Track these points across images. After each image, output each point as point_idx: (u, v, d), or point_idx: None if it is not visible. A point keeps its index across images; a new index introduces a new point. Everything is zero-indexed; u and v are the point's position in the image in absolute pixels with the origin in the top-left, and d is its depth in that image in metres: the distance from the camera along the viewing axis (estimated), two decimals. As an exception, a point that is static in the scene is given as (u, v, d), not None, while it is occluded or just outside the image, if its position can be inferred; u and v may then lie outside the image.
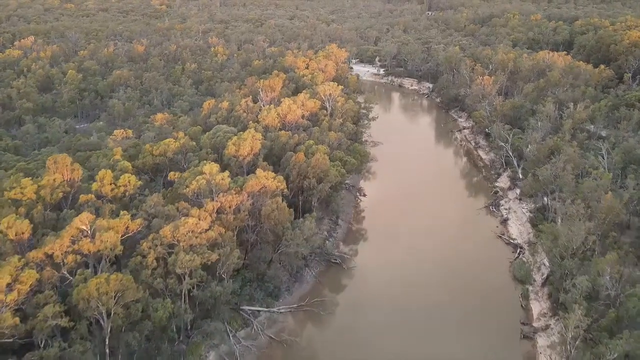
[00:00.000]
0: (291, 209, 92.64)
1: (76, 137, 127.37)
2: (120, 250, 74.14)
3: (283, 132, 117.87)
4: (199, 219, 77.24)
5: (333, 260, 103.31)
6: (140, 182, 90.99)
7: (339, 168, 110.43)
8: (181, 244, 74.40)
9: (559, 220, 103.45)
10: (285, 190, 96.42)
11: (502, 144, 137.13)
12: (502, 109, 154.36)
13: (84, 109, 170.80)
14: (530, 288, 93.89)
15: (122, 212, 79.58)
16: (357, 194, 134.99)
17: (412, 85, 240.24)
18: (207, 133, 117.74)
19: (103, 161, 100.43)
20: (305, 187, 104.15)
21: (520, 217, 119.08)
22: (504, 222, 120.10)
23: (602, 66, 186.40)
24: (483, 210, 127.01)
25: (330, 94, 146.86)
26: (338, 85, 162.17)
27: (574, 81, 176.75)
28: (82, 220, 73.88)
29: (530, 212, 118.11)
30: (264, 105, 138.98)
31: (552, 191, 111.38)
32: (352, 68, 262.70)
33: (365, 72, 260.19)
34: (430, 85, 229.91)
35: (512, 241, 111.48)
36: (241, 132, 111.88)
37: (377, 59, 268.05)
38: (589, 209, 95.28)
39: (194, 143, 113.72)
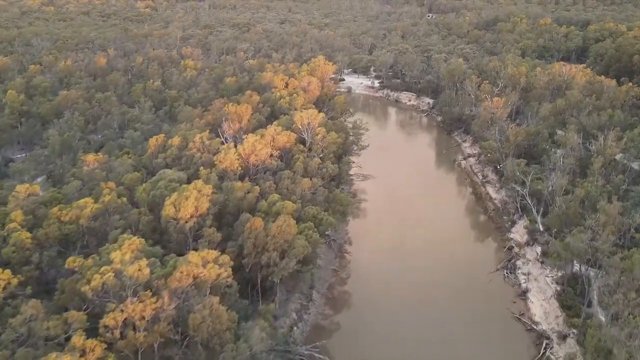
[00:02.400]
0: (233, 313, 66.97)
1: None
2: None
3: (239, 183, 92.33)
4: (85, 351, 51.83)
5: (300, 361, 78.08)
6: (16, 279, 65.24)
7: (310, 233, 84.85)
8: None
9: (598, 308, 78.36)
10: (230, 280, 70.76)
11: (518, 188, 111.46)
12: (515, 139, 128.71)
13: (25, 135, 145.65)
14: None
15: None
16: (340, 249, 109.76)
17: (410, 101, 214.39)
18: (144, 184, 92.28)
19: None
20: (264, 264, 78.71)
21: (543, 290, 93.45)
22: (523, 294, 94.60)
23: (630, 83, 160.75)
24: (495, 274, 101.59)
25: (309, 123, 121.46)
26: (319, 111, 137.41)
27: (597, 102, 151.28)
28: None
29: (557, 283, 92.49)
30: (226, 140, 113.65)
31: (587, 260, 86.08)
32: (343, 80, 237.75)
33: (358, 84, 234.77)
34: (431, 101, 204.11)
35: (534, 327, 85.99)
36: (185, 186, 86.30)
37: (372, 69, 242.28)
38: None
39: (124, 199, 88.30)
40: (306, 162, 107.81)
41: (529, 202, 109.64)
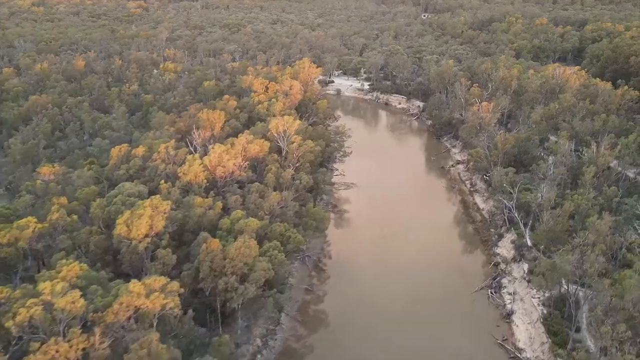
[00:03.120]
0: (176, 350, 60.31)
1: None
2: None
3: (199, 198, 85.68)
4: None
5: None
6: None
7: (275, 253, 78.27)
8: None
9: (587, 334, 71.82)
10: (177, 311, 64.16)
11: (505, 201, 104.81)
12: (504, 146, 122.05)
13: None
14: None
15: None
16: (316, 265, 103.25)
17: (400, 104, 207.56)
18: (98, 199, 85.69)
19: None
20: (221, 289, 72.15)
21: (529, 312, 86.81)
22: (508, 316, 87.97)
23: (626, 86, 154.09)
24: (479, 293, 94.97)
25: (285, 131, 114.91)
26: (301, 117, 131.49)
27: (591, 106, 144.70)
28: None
29: (544, 305, 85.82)
30: (195, 150, 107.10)
31: (575, 281, 79.52)
32: (332, 82, 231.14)
33: (347, 86, 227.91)
34: (421, 104, 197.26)
35: (518, 354, 79.44)
36: (140, 202, 79.71)
37: (362, 70, 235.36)
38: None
39: (75, 217, 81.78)
40: (279, 173, 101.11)
41: (516, 215, 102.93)
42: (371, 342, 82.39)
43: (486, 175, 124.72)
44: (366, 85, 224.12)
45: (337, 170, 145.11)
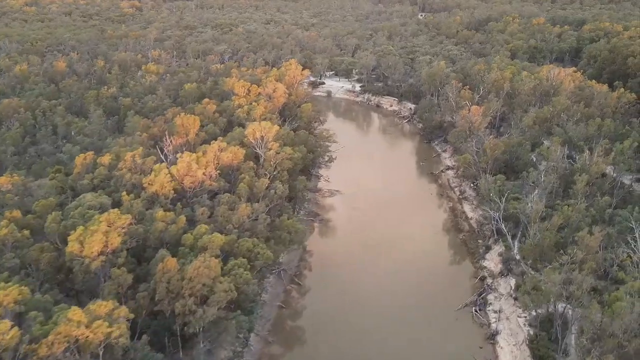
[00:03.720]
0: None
1: None
2: None
3: (161, 212, 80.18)
4: None
5: None
6: None
7: (241, 272, 72.85)
8: None
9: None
10: (123, 341, 58.69)
11: (491, 212, 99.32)
12: (493, 152, 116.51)
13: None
14: None
15: None
16: (292, 280, 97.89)
17: (391, 106, 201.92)
18: (54, 212, 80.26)
19: None
20: (179, 312, 66.75)
21: (515, 333, 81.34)
22: (492, 337, 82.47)
23: (622, 89, 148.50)
24: (463, 311, 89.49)
25: (263, 137, 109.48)
26: (284, 121, 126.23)
27: (586, 109, 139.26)
28: None
29: (530, 325, 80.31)
30: (166, 158, 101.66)
31: (564, 298, 74.09)
32: (323, 83, 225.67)
33: (338, 88, 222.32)
34: (413, 106, 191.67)
35: (502, 380, 74.08)
36: (97, 216, 74.29)
37: (354, 71, 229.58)
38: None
39: (27, 232, 76.40)
40: (252, 182, 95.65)
41: (503, 227, 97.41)
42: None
43: (473, 184, 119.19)
44: (357, 87, 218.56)
45: (322, 176, 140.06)
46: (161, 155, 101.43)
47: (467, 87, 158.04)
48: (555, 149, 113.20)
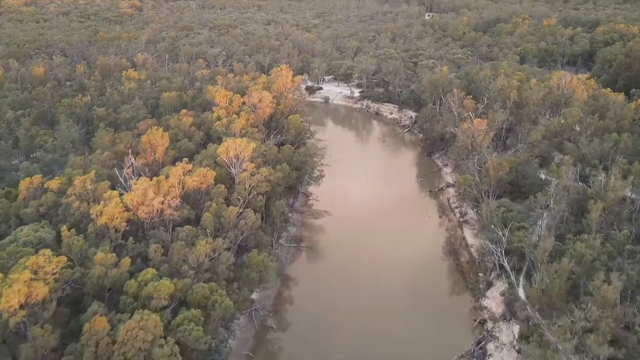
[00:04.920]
0: None
1: None
2: None
3: (100, 254, 68.56)
4: None
5: None
6: None
7: (190, 328, 61.24)
8: None
9: None
10: None
11: (492, 247, 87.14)
12: (496, 173, 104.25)
13: None
14: None
15: None
16: (263, 322, 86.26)
17: (391, 114, 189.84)
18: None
19: None
20: (109, 382, 55.33)
21: (517, 396, 69.38)
22: (491, 399, 70.56)
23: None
24: (460, 362, 77.54)
25: (239, 155, 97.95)
26: (268, 133, 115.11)
27: (600, 122, 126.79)
28: None
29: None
30: (126, 182, 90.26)
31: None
32: (321, 88, 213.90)
33: (337, 93, 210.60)
34: (414, 115, 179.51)
35: None
36: (21, 261, 62.96)
37: (355, 76, 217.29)
38: None
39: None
40: (220, 211, 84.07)
41: (506, 264, 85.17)
42: None
43: (475, 209, 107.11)
44: (356, 93, 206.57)
45: (311, 195, 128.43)
46: (120, 179, 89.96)
47: (471, 96, 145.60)
48: (566, 170, 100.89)
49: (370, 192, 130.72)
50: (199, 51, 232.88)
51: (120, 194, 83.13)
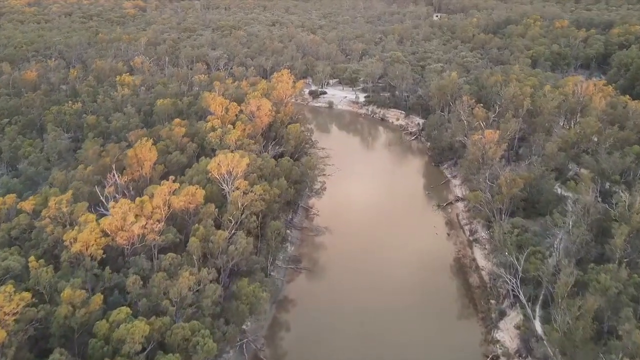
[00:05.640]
0: None
1: None
2: None
3: (68, 290, 61.45)
4: None
5: None
6: None
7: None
8: None
9: None
10: None
11: (506, 277, 79.61)
12: (509, 190, 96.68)
13: None
14: None
15: None
16: (257, 353, 79.09)
17: (397, 120, 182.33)
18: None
19: None
20: None
21: None
22: None
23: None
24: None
25: (232, 170, 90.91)
26: (266, 143, 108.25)
27: (619, 132, 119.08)
28: None
29: None
30: (107, 201, 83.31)
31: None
32: (325, 93, 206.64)
33: (341, 98, 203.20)
34: (421, 122, 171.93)
35: None
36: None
37: (360, 80, 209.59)
38: None
39: None
40: (208, 235, 76.98)
41: (522, 296, 77.59)
42: None
43: (486, 229, 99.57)
44: (361, 98, 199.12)
45: (312, 209, 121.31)
46: (102, 198, 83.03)
47: (481, 103, 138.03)
48: (586, 187, 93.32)
49: (374, 205, 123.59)
50: (200, 54, 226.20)
51: (101, 216, 76.25)
